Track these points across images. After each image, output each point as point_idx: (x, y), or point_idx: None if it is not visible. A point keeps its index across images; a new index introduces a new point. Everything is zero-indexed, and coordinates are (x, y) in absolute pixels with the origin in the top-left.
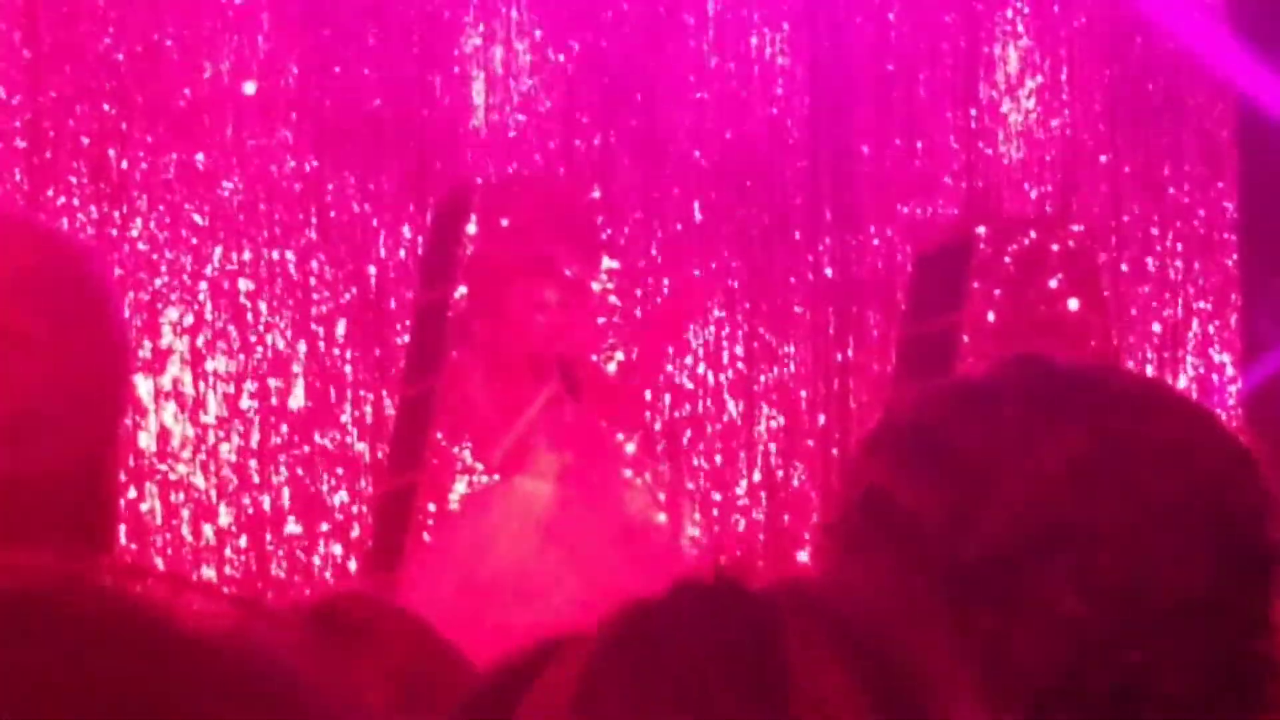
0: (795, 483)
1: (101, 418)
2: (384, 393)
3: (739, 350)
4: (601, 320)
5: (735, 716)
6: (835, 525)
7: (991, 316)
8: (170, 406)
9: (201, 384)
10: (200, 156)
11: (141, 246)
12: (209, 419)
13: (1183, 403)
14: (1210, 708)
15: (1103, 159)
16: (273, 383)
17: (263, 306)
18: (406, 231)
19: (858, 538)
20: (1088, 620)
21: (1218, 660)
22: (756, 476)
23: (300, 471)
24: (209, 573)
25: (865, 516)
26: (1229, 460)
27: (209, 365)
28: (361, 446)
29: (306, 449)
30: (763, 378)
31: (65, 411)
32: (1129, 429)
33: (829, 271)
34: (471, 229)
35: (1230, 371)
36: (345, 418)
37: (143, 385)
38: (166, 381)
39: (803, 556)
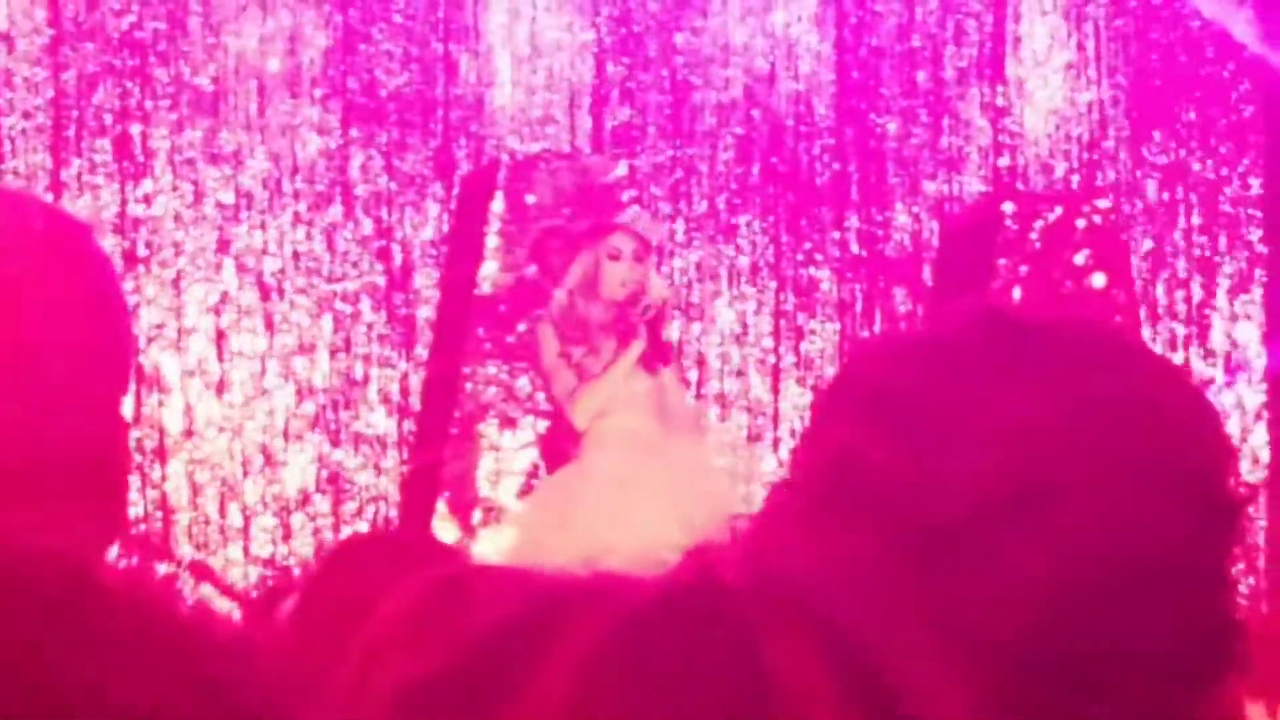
0: None
1: (109, 393)
2: (409, 370)
3: (765, 326)
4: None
5: None
6: (800, 483)
7: (1018, 293)
8: (195, 385)
9: (226, 362)
10: (224, 134)
11: (166, 225)
12: (235, 397)
13: (1148, 356)
14: (1182, 668)
15: (1128, 135)
16: (298, 361)
17: (288, 285)
18: (432, 209)
19: (825, 497)
20: (1056, 579)
21: (1187, 618)
22: (783, 453)
23: (326, 449)
24: (235, 551)
25: (832, 474)
26: (1192, 415)
27: (234, 343)
28: (388, 424)
29: (332, 427)
30: (789, 354)
31: (74, 386)
32: (1092, 385)
33: (856, 248)
34: (498, 206)
35: (1256, 347)
36: (371, 395)
37: (168, 363)
38: (191, 360)
39: None
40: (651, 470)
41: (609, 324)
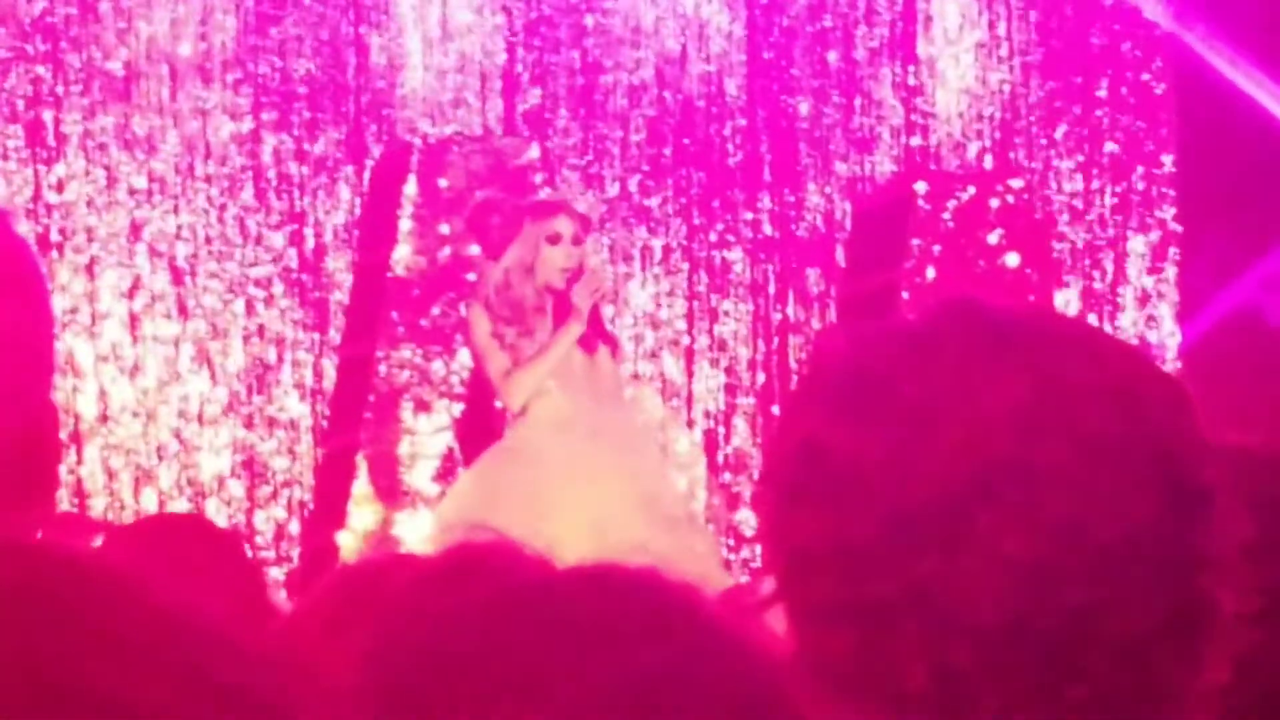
0: (735, 441)
1: (37, 378)
2: (323, 354)
3: (679, 308)
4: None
5: None
6: (773, 475)
7: (931, 273)
8: (109, 370)
9: (140, 347)
10: (136, 119)
11: (79, 210)
12: (148, 382)
13: (1119, 344)
14: (1156, 649)
15: (1040, 114)
16: (211, 345)
17: (201, 269)
18: (344, 193)
19: (797, 488)
20: (1031, 560)
21: (1162, 599)
22: (697, 435)
23: (240, 434)
24: None
25: (803, 466)
26: (1166, 400)
27: (147, 328)
28: (301, 408)
29: (246, 411)
30: (702, 336)
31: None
32: (1067, 370)
33: (768, 229)
34: (411, 190)
35: (1169, 325)
36: (285, 380)
37: (82, 349)
38: (105, 345)
39: (742, 515)
40: (591, 451)
41: (544, 305)
